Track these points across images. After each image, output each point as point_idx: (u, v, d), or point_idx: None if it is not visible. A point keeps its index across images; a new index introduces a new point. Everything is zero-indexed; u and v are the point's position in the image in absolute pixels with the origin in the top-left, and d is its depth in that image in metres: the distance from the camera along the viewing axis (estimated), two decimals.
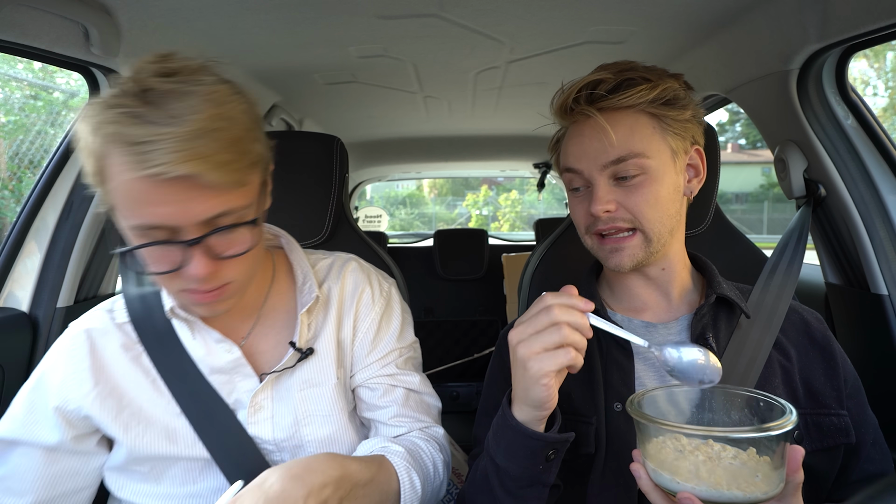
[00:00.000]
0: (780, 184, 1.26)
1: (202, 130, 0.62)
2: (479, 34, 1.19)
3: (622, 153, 0.79)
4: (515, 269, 2.83)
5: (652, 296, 0.88)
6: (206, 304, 0.75)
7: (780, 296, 0.90)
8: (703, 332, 0.83)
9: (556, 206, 11.64)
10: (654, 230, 0.81)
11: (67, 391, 0.80)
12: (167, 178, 0.61)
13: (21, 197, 1.73)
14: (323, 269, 0.95)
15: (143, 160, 0.61)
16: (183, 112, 0.62)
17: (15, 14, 0.86)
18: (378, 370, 0.92)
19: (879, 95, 9.95)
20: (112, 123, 0.62)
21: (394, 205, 18.10)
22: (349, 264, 0.97)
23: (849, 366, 0.83)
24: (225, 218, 0.68)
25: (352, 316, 0.92)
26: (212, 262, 0.69)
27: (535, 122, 2.14)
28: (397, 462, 0.82)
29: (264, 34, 1.17)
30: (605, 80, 0.80)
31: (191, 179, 0.63)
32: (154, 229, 0.66)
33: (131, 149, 0.61)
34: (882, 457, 0.81)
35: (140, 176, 0.62)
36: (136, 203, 0.65)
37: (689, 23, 1.12)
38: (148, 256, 0.70)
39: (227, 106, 0.66)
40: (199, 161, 0.62)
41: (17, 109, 3.84)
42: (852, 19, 0.90)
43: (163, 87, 0.63)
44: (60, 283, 1.19)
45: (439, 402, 0.98)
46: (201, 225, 0.67)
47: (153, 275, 0.71)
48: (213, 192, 0.66)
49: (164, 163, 0.60)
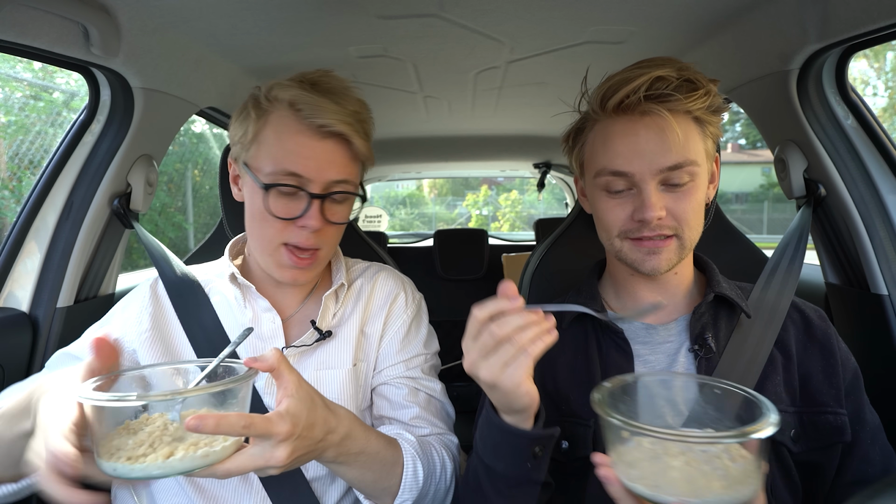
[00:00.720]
0: (780, 184, 1.26)
1: (354, 113, 0.87)
2: (479, 34, 1.19)
3: (680, 159, 0.76)
4: (515, 269, 2.83)
5: (656, 298, 0.87)
6: (296, 270, 0.89)
7: (781, 294, 0.89)
8: (702, 332, 0.83)
9: (556, 206, 11.64)
10: (692, 237, 0.80)
11: (127, 328, 0.94)
12: (328, 130, 0.83)
13: (21, 197, 1.74)
14: (358, 270, 1.07)
15: (313, 114, 0.83)
16: (341, 101, 0.86)
17: (15, 14, 0.86)
18: (404, 371, 0.98)
19: (879, 95, 9.96)
20: (288, 90, 0.84)
21: (394, 205, 18.10)
22: (385, 269, 1.08)
23: (850, 363, 0.82)
24: (344, 185, 0.88)
25: (383, 316, 1.00)
26: (322, 220, 0.86)
27: (535, 123, 2.14)
28: (406, 448, 0.85)
29: (264, 34, 1.17)
30: (667, 78, 0.76)
31: (339, 142, 0.85)
32: (291, 176, 0.84)
33: (304, 106, 0.83)
34: (883, 458, 0.79)
35: (305, 126, 0.84)
36: (289, 152, 0.84)
37: (689, 23, 1.12)
38: (277, 202, 0.86)
39: (366, 111, 0.92)
40: (351, 128, 0.85)
41: (16, 109, 3.84)
42: (852, 19, 0.90)
43: (327, 83, 0.88)
44: (60, 283, 1.19)
45: (454, 413, 1.02)
46: (327, 184, 0.86)
47: (274, 219, 0.85)
48: (346, 160, 0.87)
49: (330, 120, 0.83)
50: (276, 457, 0.61)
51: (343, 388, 0.94)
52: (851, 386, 0.81)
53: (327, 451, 0.70)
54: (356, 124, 0.87)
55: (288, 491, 0.88)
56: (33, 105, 3.95)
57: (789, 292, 0.90)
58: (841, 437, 0.77)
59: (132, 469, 0.56)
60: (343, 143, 0.86)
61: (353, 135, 0.85)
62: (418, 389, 0.97)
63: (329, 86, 0.88)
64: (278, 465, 0.61)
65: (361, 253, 1.14)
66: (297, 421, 0.62)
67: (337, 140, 0.86)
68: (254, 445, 0.62)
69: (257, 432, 0.59)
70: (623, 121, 0.78)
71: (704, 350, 0.82)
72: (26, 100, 3.95)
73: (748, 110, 1.30)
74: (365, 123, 0.90)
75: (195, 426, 0.54)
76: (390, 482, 0.82)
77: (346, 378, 0.94)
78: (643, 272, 0.81)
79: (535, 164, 2.99)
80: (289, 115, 0.85)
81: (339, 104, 0.86)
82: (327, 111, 0.83)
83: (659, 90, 0.75)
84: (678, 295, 0.87)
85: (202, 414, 0.56)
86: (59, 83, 4.13)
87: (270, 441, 0.61)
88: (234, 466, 0.60)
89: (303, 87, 0.85)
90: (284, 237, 0.87)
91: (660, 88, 0.75)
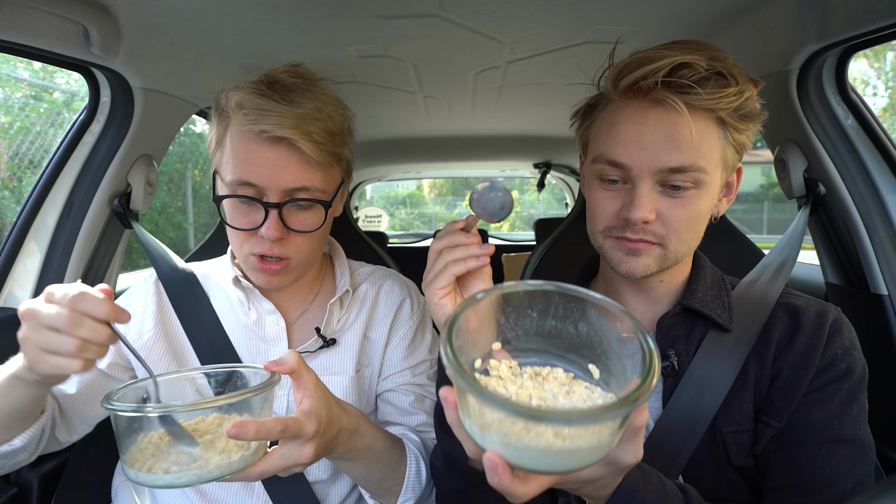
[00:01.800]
0: (780, 184, 1.26)
1: (307, 114, 0.79)
2: (479, 34, 1.19)
3: (686, 162, 0.67)
4: (515, 268, 2.83)
5: (639, 305, 0.83)
6: (265, 275, 0.86)
7: (764, 298, 0.80)
8: (668, 347, 0.77)
9: (556, 206, 11.63)
10: (679, 250, 0.73)
11: (130, 326, 0.93)
12: (270, 136, 0.78)
13: (21, 197, 1.73)
14: (362, 274, 1.05)
15: (257, 120, 0.77)
16: (297, 99, 0.80)
17: (15, 14, 0.86)
18: (410, 378, 0.97)
19: (879, 95, 9.95)
20: (238, 92, 0.80)
21: (394, 205, 18.09)
22: (389, 275, 1.06)
23: (833, 370, 0.73)
24: (304, 192, 0.82)
25: (388, 321, 0.99)
26: (283, 230, 0.82)
27: (535, 122, 2.14)
28: (410, 448, 0.86)
29: (264, 34, 1.17)
30: (694, 66, 0.66)
31: (289, 147, 0.79)
32: (247, 186, 0.80)
33: (248, 111, 0.78)
34: (834, 473, 0.69)
35: (252, 132, 0.78)
36: (242, 160, 0.80)
37: (689, 23, 1.12)
38: (235, 212, 0.83)
39: (330, 107, 0.84)
40: (299, 132, 0.77)
41: (16, 110, 3.84)
42: (852, 19, 0.90)
43: (286, 81, 0.82)
44: (60, 283, 1.19)
45: None
46: (284, 193, 0.81)
47: (235, 230, 0.83)
48: (301, 166, 0.80)
49: (273, 125, 0.77)
50: (305, 454, 0.64)
51: (346, 394, 0.94)
52: (816, 390, 0.72)
53: (338, 447, 0.72)
54: (305, 125, 0.78)
55: (289, 493, 0.88)
56: (34, 105, 3.95)
57: (776, 291, 0.82)
58: (755, 448, 0.73)
59: (158, 478, 0.58)
60: (293, 149, 0.80)
61: (301, 138, 0.78)
62: (425, 396, 0.97)
63: (286, 83, 0.82)
64: (306, 461, 0.65)
65: (361, 253, 1.14)
66: (320, 419, 0.66)
67: (286, 146, 0.79)
68: (283, 446, 0.65)
69: (292, 434, 0.62)
70: (634, 106, 0.70)
71: (669, 368, 0.76)
72: (26, 100, 3.95)
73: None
74: (322, 122, 0.81)
75: (237, 433, 0.57)
76: (395, 480, 0.83)
77: (348, 384, 0.94)
78: (619, 273, 0.75)
79: (535, 164, 2.99)
80: (241, 120, 0.80)
81: (289, 105, 0.79)
82: (269, 114, 0.77)
83: (681, 78, 0.66)
84: (662, 302, 0.82)
85: (243, 421, 0.58)
86: (59, 83, 4.13)
87: (300, 440, 0.64)
88: (267, 467, 0.63)
89: (254, 89, 0.80)
90: (249, 247, 0.84)
91: (683, 77, 0.66)
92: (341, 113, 0.87)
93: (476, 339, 0.54)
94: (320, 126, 0.80)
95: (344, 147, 0.87)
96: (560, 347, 0.56)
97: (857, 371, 0.73)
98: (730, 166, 0.74)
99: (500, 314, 0.56)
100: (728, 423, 0.74)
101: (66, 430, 0.90)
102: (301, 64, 0.86)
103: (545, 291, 0.55)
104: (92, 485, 1.07)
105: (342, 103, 0.89)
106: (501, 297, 0.55)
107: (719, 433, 0.74)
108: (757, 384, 0.75)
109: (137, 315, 0.95)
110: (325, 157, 0.81)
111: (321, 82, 0.86)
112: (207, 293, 0.99)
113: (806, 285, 1.40)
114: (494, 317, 0.56)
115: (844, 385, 0.73)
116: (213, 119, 0.86)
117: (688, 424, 0.74)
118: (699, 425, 0.73)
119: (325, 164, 0.83)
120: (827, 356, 0.73)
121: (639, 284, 0.81)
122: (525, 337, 0.57)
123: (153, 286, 0.99)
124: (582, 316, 0.55)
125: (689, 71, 0.66)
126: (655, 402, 0.78)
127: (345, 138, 0.87)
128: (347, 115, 0.90)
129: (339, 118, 0.85)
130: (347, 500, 0.96)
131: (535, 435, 0.43)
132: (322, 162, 0.82)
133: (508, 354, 0.56)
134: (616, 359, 0.53)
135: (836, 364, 0.73)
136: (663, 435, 0.75)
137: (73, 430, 0.91)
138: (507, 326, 0.56)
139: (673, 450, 0.74)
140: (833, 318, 0.75)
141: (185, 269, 1.03)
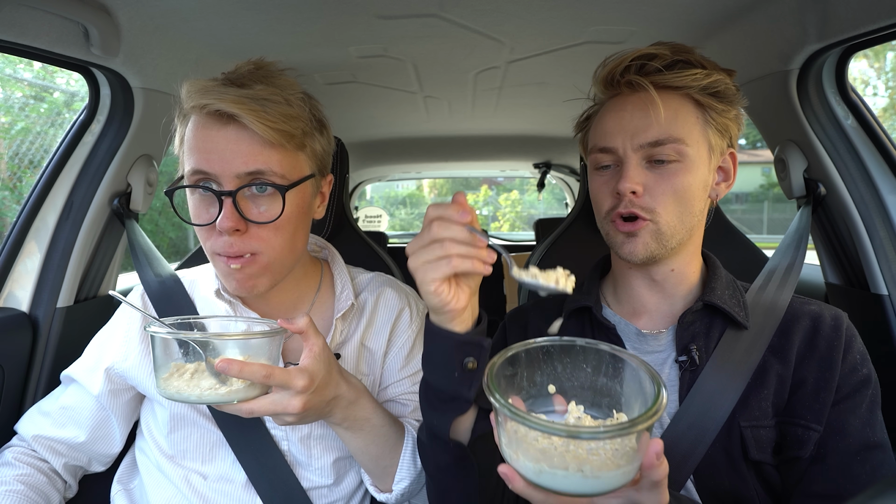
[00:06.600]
0: (780, 184, 1.26)
1: (259, 96, 0.76)
2: (479, 34, 1.19)
3: (662, 135, 0.76)
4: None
5: (653, 298, 0.85)
6: (234, 273, 0.81)
7: (778, 298, 0.85)
8: (689, 343, 0.80)
9: (556, 206, 11.63)
10: (670, 223, 0.78)
11: (119, 349, 0.93)
12: (217, 114, 0.75)
13: (21, 197, 1.73)
14: (362, 282, 1.03)
15: (204, 101, 0.75)
16: (248, 83, 0.78)
17: (15, 14, 0.86)
18: (409, 387, 0.97)
19: (879, 95, 9.94)
20: (192, 83, 0.77)
21: (394, 205, 18.08)
22: (388, 282, 1.05)
23: (855, 377, 0.75)
24: (259, 176, 0.77)
25: (387, 331, 0.98)
26: (238, 220, 0.77)
27: (535, 122, 2.14)
28: (410, 430, 0.89)
29: (264, 34, 1.17)
30: (660, 55, 0.77)
31: (238, 128, 0.75)
32: (201, 175, 0.77)
33: (196, 92, 0.76)
34: (870, 480, 0.71)
35: (205, 117, 0.76)
36: (193, 149, 0.78)
37: (689, 23, 1.12)
38: (195, 207, 0.80)
39: (289, 91, 0.80)
40: (245, 108, 0.73)
41: (17, 110, 3.84)
42: (852, 19, 0.90)
43: (248, 73, 0.80)
44: (60, 283, 1.19)
45: None
46: (237, 178, 0.76)
47: (196, 226, 0.81)
48: (252, 147, 0.76)
49: (215, 99, 0.74)
50: (293, 404, 0.71)
51: None
52: (846, 398, 0.75)
53: (335, 413, 0.78)
54: (253, 103, 0.74)
55: (282, 496, 0.88)
56: (34, 106, 3.95)
57: (787, 296, 0.85)
58: (798, 451, 0.74)
59: (177, 394, 0.69)
60: (243, 129, 0.75)
61: (248, 114, 0.73)
62: None
63: (241, 73, 0.80)
64: (293, 412, 0.71)
65: (361, 253, 1.14)
66: (314, 377, 0.72)
67: (235, 126, 0.75)
68: (275, 393, 0.72)
69: (277, 381, 0.70)
70: (616, 99, 0.81)
71: (689, 362, 0.79)
72: (27, 100, 3.95)
73: (748, 110, 1.30)
74: (275, 104, 0.76)
75: (223, 368, 0.66)
76: (392, 461, 0.85)
77: None
78: (622, 258, 0.81)
79: (535, 164, 2.99)
80: (194, 111, 0.78)
81: (238, 87, 0.76)
82: (217, 92, 0.74)
83: (650, 65, 0.77)
84: (676, 296, 0.84)
85: (230, 359, 0.67)
86: (59, 83, 4.12)
87: (289, 391, 0.71)
88: (257, 407, 0.70)
89: (218, 82, 0.78)
90: (212, 245, 0.80)
91: (654, 65, 0.77)
92: (306, 102, 0.83)
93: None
94: (274, 107, 0.76)
95: (310, 137, 0.83)
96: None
97: (874, 376, 0.77)
98: (716, 148, 0.80)
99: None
100: (747, 417, 0.76)
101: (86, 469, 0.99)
102: (273, 63, 0.84)
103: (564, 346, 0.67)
104: (92, 491, 1.07)
105: (309, 95, 0.85)
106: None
107: (737, 427, 0.76)
108: (779, 384, 0.77)
109: (121, 337, 0.95)
110: (281, 138, 0.76)
111: (283, 73, 0.83)
112: (194, 302, 0.97)
113: (806, 285, 1.40)
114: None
115: (868, 391, 0.75)
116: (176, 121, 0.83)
117: (704, 419, 0.76)
118: (716, 420, 0.76)
119: (281, 146, 0.78)
120: (849, 361, 0.76)
121: (650, 275, 0.84)
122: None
123: (139, 301, 0.99)
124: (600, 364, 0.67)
125: (659, 60, 0.77)
126: (672, 396, 0.80)
127: (308, 127, 0.82)
128: (315, 105, 0.85)
129: (299, 104, 0.80)
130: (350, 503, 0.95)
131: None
132: (276, 143, 0.77)
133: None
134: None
135: (858, 370, 0.76)
136: (679, 430, 0.76)
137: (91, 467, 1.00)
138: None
139: (690, 444, 0.76)
140: (847, 323, 0.80)
141: (171, 276, 1.01)
